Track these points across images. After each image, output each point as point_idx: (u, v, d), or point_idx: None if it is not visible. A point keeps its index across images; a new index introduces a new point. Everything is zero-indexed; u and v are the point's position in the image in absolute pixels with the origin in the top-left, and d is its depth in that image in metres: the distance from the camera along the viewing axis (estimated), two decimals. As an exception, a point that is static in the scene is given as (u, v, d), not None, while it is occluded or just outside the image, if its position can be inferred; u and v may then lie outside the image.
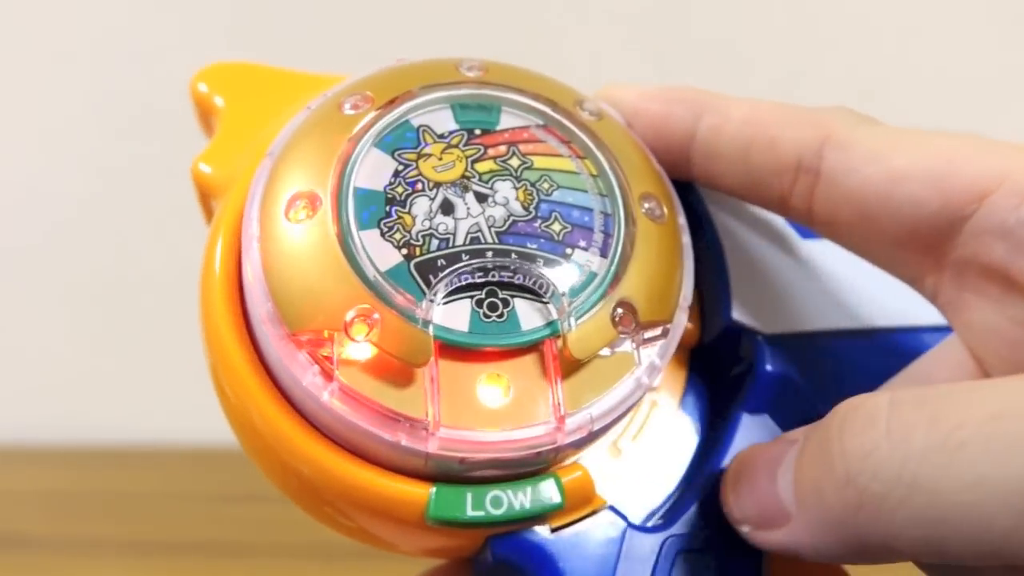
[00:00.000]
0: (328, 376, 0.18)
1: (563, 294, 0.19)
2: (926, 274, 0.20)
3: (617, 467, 0.21)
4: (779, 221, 0.24)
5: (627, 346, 0.19)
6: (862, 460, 0.16)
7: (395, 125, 0.20)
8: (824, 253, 0.23)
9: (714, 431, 0.22)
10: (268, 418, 0.19)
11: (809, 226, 0.21)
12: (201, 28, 0.51)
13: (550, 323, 0.18)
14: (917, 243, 0.19)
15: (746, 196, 0.22)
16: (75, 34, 0.51)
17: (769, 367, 0.22)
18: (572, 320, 0.18)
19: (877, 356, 0.19)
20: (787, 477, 0.18)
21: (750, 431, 0.21)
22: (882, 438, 0.16)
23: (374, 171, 0.19)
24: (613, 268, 0.19)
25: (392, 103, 0.20)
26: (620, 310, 0.19)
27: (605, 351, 0.19)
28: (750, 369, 0.22)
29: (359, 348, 0.18)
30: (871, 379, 0.20)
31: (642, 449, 0.21)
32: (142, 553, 0.47)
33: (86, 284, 0.53)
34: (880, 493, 0.16)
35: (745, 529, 0.19)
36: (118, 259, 0.52)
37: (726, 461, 0.21)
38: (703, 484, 0.20)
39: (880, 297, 0.23)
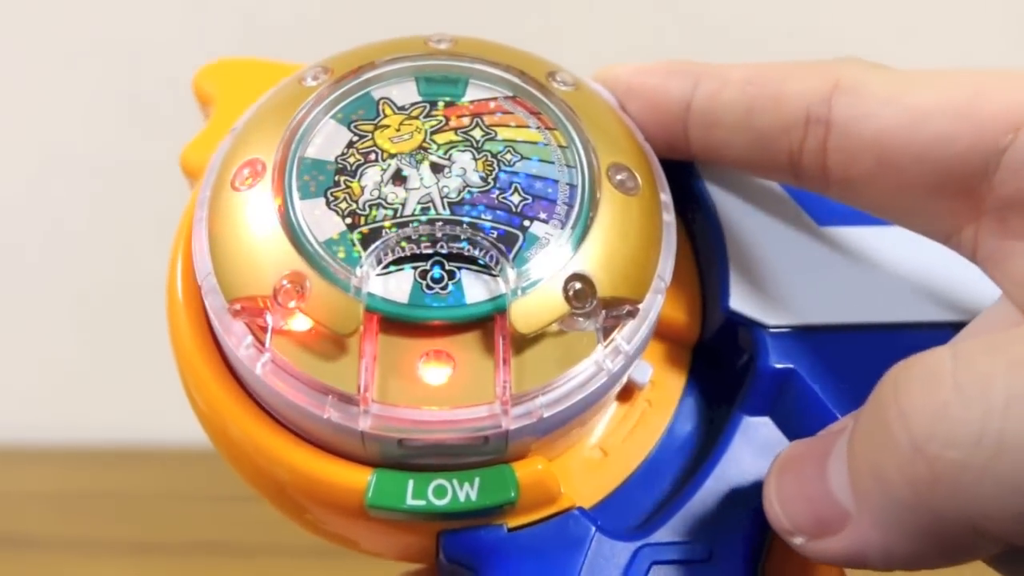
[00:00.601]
0: (261, 346, 0.17)
1: (513, 266, 0.17)
2: (963, 224, 0.18)
3: (601, 468, 0.20)
4: (791, 205, 0.22)
5: (587, 326, 0.17)
6: (930, 424, 0.14)
7: (354, 97, 0.19)
8: (842, 241, 0.21)
9: (712, 434, 0.20)
10: (212, 396, 0.18)
11: (825, 191, 0.19)
12: (212, 28, 0.50)
13: (496, 297, 0.17)
14: (949, 188, 0.17)
15: (753, 164, 0.20)
16: (80, 34, 0.51)
17: (772, 363, 0.20)
18: (520, 293, 0.17)
19: (899, 354, 0.18)
20: (839, 469, 0.16)
21: (749, 436, 0.20)
22: (951, 394, 0.14)
23: (327, 141, 0.19)
24: (571, 241, 0.18)
25: (352, 75, 0.20)
26: (575, 284, 0.17)
27: (556, 328, 0.17)
28: (751, 365, 0.20)
29: (294, 318, 0.17)
30: None
31: (630, 451, 0.20)
32: (142, 553, 0.47)
33: (86, 284, 0.53)
34: (958, 460, 0.13)
35: (798, 541, 0.16)
36: (119, 259, 0.52)
37: (718, 468, 0.19)
38: (690, 492, 0.19)
39: (903, 290, 0.21)
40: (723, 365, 0.21)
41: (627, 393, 0.21)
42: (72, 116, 0.52)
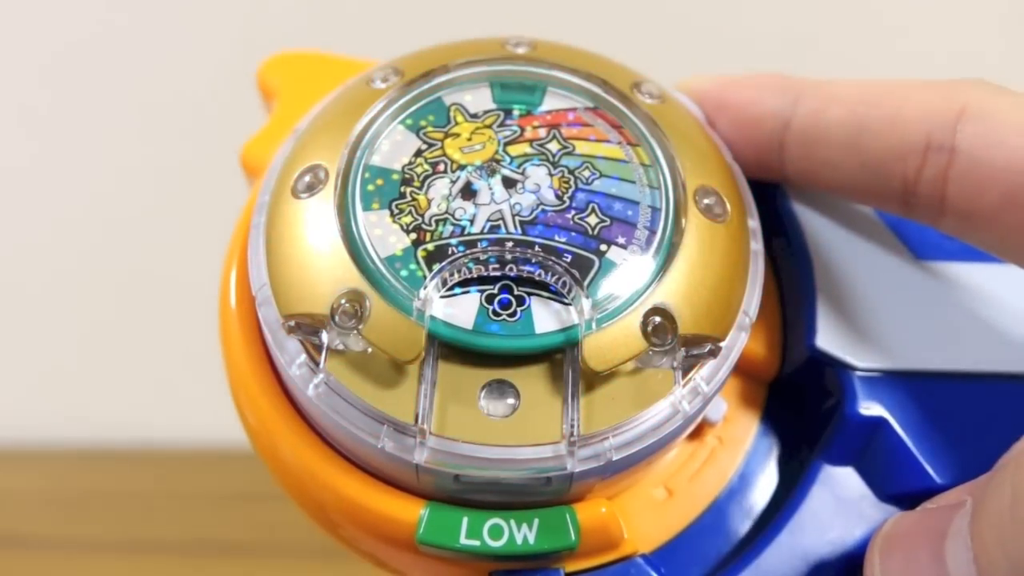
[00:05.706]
0: (315, 366, 0.16)
1: (588, 295, 0.16)
2: None
3: (665, 509, 0.18)
4: (888, 234, 0.20)
5: (664, 363, 0.16)
6: None
7: (424, 102, 0.18)
8: (945, 277, 0.19)
9: (788, 481, 0.18)
10: (263, 413, 0.17)
11: (938, 223, 0.17)
12: (273, 17, 0.49)
13: (568, 327, 0.16)
14: None
15: (857, 191, 0.18)
16: (118, 25, 0.50)
17: (859, 410, 0.18)
18: (594, 326, 0.16)
19: (1006, 409, 0.15)
20: (959, 551, 0.14)
21: (829, 487, 0.18)
22: None
23: (394, 149, 0.18)
24: (652, 270, 0.16)
25: (423, 78, 0.18)
26: (655, 318, 0.16)
27: (631, 365, 0.16)
28: (836, 410, 0.18)
29: (351, 339, 0.16)
30: (1006, 434, 0.15)
31: (697, 492, 0.18)
32: (142, 553, 0.47)
33: (87, 283, 0.52)
34: None
35: None
36: (120, 259, 0.52)
37: (794, 520, 0.17)
38: (761, 545, 0.17)
39: (1012, 336, 0.19)
40: (803, 405, 0.19)
41: (697, 430, 0.19)
42: (79, 112, 0.51)
